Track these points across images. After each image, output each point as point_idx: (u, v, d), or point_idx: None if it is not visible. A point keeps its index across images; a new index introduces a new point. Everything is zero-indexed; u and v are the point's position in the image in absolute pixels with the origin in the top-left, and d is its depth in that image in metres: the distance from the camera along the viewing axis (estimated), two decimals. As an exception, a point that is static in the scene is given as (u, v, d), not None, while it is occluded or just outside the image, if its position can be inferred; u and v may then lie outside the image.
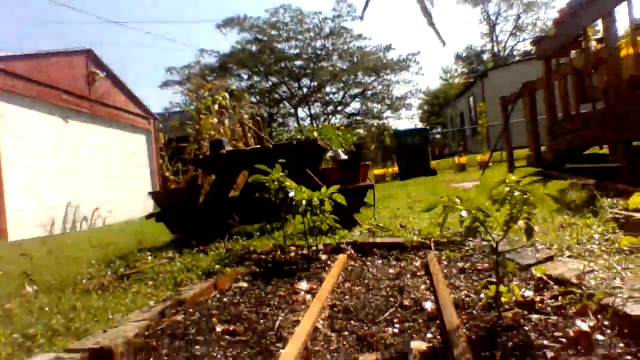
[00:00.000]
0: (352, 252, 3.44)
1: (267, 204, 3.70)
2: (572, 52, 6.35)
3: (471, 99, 24.85)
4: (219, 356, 1.67)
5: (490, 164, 10.02)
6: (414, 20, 68.36)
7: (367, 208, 5.40)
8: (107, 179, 11.97)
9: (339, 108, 37.45)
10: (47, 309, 2.50)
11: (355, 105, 38.10)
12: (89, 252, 5.00)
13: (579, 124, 6.02)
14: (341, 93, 36.67)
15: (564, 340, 1.50)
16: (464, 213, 1.69)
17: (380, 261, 3.21)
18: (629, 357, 1.34)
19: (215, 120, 9.43)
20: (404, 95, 36.94)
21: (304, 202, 3.20)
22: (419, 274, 2.78)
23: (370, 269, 2.99)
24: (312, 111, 36.40)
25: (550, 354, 1.43)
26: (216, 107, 9.57)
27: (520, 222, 1.67)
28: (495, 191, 1.63)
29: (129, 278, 3.29)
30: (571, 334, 1.51)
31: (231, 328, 1.93)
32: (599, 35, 5.88)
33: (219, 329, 1.92)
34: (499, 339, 1.60)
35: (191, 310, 2.15)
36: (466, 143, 21.70)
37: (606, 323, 1.54)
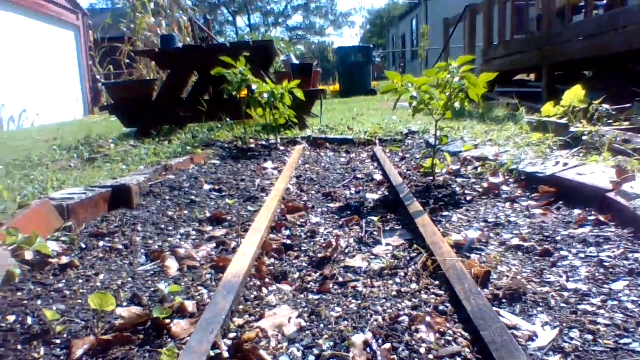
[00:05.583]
0: (307, 145, 3.84)
1: (225, 100, 3.93)
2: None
3: (414, 21, 24.91)
4: (213, 203, 2.04)
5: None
6: None
7: (312, 118, 5.74)
8: (33, 79, 11.15)
9: (281, 20, 36.14)
10: (31, 177, 2.66)
11: (297, 19, 36.98)
12: (39, 144, 4.98)
13: (512, 49, 6.59)
14: (283, 3, 35.29)
15: (480, 190, 2.02)
16: (414, 94, 2.09)
17: (332, 153, 3.63)
18: (523, 197, 1.87)
19: (152, 20, 8.99)
20: (348, 12, 36.39)
21: (265, 95, 3.46)
22: (367, 161, 3.25)
23: (325, 158, 3.41)
24: (252, 21, 34.96)
25: (469, 197, 1.94)
26: (152, 5, 9.08)
27: (457, 104, 2.11)
28: (440, 75, 2.03)
29: (96, 161, 3.47)
30: (485, 185, 2.03)
31: (217, 187, 2.28)
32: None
33: (207, 187, 2.26)
34: (432, 192, 2.10)
35: (178, 173, 2.46)
36: (406, 66, 22.21)
37: (511, 180, 2.07)
